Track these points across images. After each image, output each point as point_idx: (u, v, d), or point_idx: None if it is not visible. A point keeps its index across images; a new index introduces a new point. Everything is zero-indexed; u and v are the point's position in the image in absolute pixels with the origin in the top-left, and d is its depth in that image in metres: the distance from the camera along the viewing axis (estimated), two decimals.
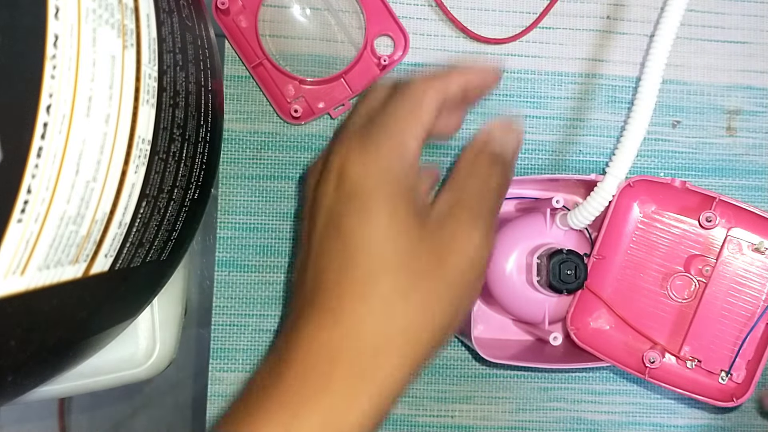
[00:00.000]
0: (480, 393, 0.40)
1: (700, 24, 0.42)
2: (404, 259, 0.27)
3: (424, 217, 0.28)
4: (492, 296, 0.36)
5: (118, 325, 0.30)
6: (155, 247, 0.27)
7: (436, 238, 0.28)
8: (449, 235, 0.28)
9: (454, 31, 0.41)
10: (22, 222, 0.18)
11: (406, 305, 0.27)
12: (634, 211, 0.36)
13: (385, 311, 0.27)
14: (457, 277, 0.28)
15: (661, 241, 0.36)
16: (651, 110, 0.32)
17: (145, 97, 0.23)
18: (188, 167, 0.28)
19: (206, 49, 0.30)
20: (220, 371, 0.39)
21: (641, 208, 0.36)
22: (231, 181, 0.40)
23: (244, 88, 0.40)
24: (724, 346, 0.34)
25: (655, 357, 0.34)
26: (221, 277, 0.39)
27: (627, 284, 0.36)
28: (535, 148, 0.41)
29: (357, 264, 0.27)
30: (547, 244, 0.34)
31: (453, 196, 0.29)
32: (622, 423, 0.41)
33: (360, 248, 0.27)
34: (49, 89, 0.18)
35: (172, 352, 0.37)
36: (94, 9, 0.20)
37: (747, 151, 0.42)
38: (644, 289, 0.36)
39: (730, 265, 0.35)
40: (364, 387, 0.26)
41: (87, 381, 0.35)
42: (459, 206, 0.29)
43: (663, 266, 0.36)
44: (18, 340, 0.21)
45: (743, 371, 0.34)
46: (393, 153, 0.28)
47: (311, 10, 0.40)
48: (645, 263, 0.36)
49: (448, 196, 0.29)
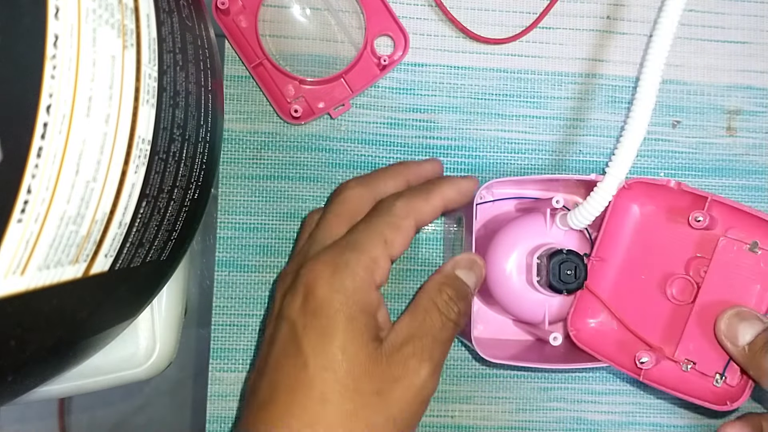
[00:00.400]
0: (480, 393, 0.40)
1: (700, 24, 0.42)
2: (355, 385, 0.28)
3: (379, 343, 0.29)
4: (492, 296, 0.36)
5: (118, 325, 0.30)
6: (155, 247, 0.27)
7: (387, 366, 0.29)
8: (400, 367, 0.29)
9: (454, 31, 0.41)
10: (22, 222, 0.18)
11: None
12: (633, 213, 0.36)
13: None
14: (402, 408, 0.29)
15: (660, 243, 0.35)
16: (651, 110, 0.32)
17: (145, 97, 0.23)
18: (188, 167, 0.28)
19: (206, 49, 0.30)
20: (220, 371, 0.39)
21: (640, 210, 0.36)
22: (231, 181, 0.40)
23: (244, 88, 0.40)
24: (719, 349, 0.33)
25: (647, 357, 0.34)
26: (221, 277, 0.39)
27: (628, 286, 0.36)
28: (535, 148, 0.41)
29: (311, 385, 0.28)
30: (547, 244, 0.34)
31: (411, 326, 0.30)
32: (622, 423, 0.41)
33: (315, 370, 0.28)
34: (49, 89, 0.18)
35: (172, 352, 0.37)
36: (94, 9, 0.20)
37: (747, 151, 0.42)
38: (645, 291, 0.35)
39: (724, 267, 0.34)
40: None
41: (87, 381, 0.35)
42: (415, 339, 0.30)
43: (663, 268, 0.35)
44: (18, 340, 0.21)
45: (738, 374, 0.33)
46: (363, 275, 0.30)
47: (311, 10, 0.40)
48: (646, 265, 0.36)
49: (406, 326, 0.31)
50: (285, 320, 0.30)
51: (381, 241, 0.30)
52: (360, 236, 0.31)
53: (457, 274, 0.33)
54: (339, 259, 0.30)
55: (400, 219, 0.31)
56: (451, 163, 0.40)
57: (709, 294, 0.34)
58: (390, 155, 0.40)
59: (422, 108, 0.41)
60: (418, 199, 0.32)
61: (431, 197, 0.32)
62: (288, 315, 0.30)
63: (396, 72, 0.41)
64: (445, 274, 0.33)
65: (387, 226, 0.31)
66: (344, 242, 0.31)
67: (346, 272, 0.29)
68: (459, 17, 0.40)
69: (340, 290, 0.29)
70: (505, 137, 0.41)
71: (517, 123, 0.41)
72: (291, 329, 0.30)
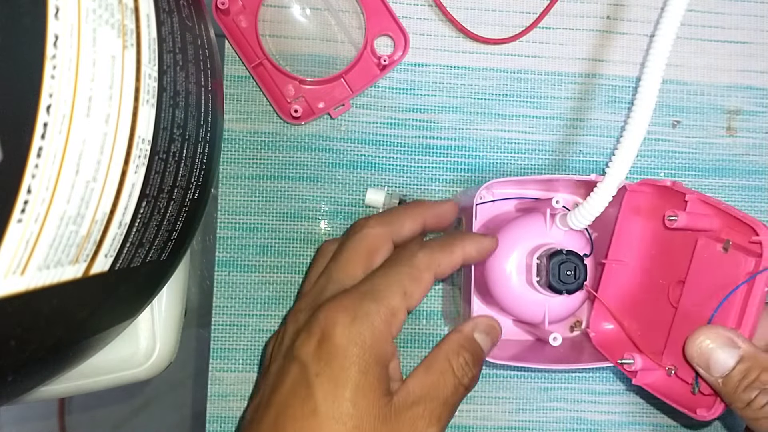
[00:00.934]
0: (480, 393, 0.40)
1: (700, 24, 0.42)
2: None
3: (390, 398, 0.29)
4: (492, 296, 0.36)
5: (118, 325, 0.30)
6: (155, 247, 0.27)
7: (395, 423, 0.29)
8: (408, 427, 0.29)
9: (454, 31, 0.41)
10: (22, 222, 0.18)
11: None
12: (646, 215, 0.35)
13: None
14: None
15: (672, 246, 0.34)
16: (651, 110, 0.32)
17: (145, 97, 0.23)
18: (188, 167, 0.28)
19: (206, 49, 0.30)
20: (220, 371, 0.39)
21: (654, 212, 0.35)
22: (231, 181, 0.40)
23: (244, 88, 0.40)
24: None
25: (631, 360, 0.33)
26: (221, 277, 0.39)
27: (646, 289, 0.35)
28: (535, 148, 0.41)
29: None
30: (547, 244, 0.34)
31: (424, 385, 0.30)
32: (622, 423, 0.41)
33: (324, 419, 0.28)
34: (49, 89, 0.18)
35: (172, 352, 0.37)
36: (94, 9, 0.20)
37: (747, 151, 0.42)
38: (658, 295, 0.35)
39: (703, 269, 0.32)
40: None
41: (87, 381, 0.35)
42: (426, 400, 0.30)
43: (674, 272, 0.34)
44: (18, 340, 0.21)
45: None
46: (381, 327, 0.29)
47: (311, 10, 0.40)
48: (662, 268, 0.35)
49: (419, 384, 0.30)
50: (296, 361, 0.30)
51: (401, 292, 0.30)
52: (381, 285, 0.31)
53: (476, 337, 0.33)
54: (359, 308, 0.30)
55: (421, 271, 0.31)
56: (451, 163, 0.40)
57: (690, 297, 0.32)
58: (390, 155, 0.40)
59: (422, 108, 0.41)
60: (439, 253, 0.32)
61: (453, 252, 0.32)
62: (300, 356, 0.30)
63: (396, 72, 0.41)
64: (465, 336, 0.32)
65: (408, 278, 0.31)
66: (364, 289, 0.31)
67: (366, 323, 0.29)
68: (459, 17, 0.40)
69: (358, 342, 0.29)
70: (505, 137, 0.41)
71: (517, 123, 0.41)
72: (302, 371, 0.29)
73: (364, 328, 0.29)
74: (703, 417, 0.30)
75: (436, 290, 0.41)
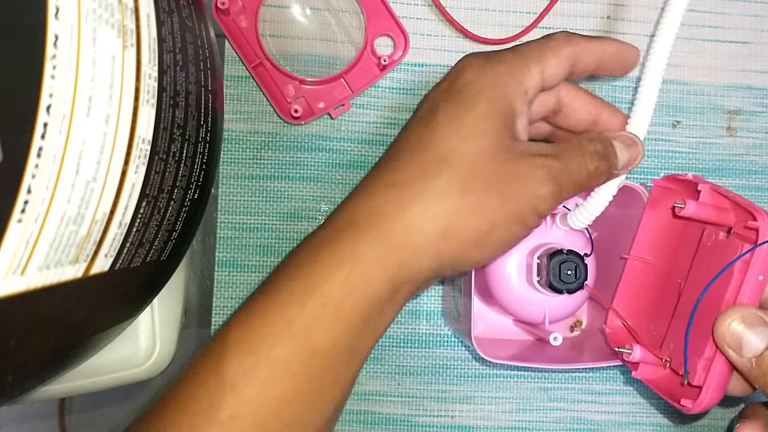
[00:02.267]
0: (480, 393, 0.40)
1: (700, 24, 0.42)
2: (479, 162, 0.28)
3: (515, 140, 0.29)
4: (492, 296, 0.36)
5: (118, 325, 0.30)
6: (155, 247, 0.27)
7: (513, 164, 0.28)
8: (526, 172, 0.28)
9: (454, 32, 0.41)
10: (22, 222, 0.18)
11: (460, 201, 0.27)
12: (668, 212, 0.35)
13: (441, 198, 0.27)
14: (512, 208, 0.28)
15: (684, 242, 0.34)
16: (651, 110, 0.32)
17: (145, 97, 0.23)
18: (188, 167, 0.28)
19: (206, 49, 0.30)
20: None
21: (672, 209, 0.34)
22: (231, 181, 0.40)
23: (244, 88, 0.40)
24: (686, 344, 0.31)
25: (630, 349, 0.33)
26: (221, 277, 0.39)
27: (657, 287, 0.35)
28: None
29: (436, 147, 0.28)
30: (547, 244, 0.34)
31: (551, 150, 0.29)
32: (622, 423, 0.41)
33: (442, 132, 0.28)
34: (49, 89, 0.18)
35: (172, 352, 0.37)
36: (94, 9, 0.20)
37: (747, 151, 0.42)
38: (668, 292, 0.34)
39: (706, 257, 0.32)
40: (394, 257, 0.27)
41: (87, 381, 0.35)
42: (550, 157, 0.29)
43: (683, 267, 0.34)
44: (18, 340, 0.21)
45: (702, 373, 0.30)
46: (513, 72, 0.29)
47: (311, 10, 0.40)
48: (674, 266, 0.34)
49: (546, 147, 0.30)
50: (428, 99, 0.30)
51: (537, 55, 0.30)
52: (520, 47, 0.31)
53: (614, 143, 0.31)
54: (494, 55, 0.30)
55: (559, 45, 0.30)
56: None
57: (692, 287, 0.32)
58: None
59: None
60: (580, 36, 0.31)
61: (592, 40, 0.31)
62: (431, 96, 0.30)
63: (396, 72, 0.40)
64: (603, 136, 0.31)
65: (546, 46, 0.30)
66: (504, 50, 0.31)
67: (501, 64, 0.29)
68: (459, 17, 0.40)
69: (489, 74, 0.29)
70: None
71: None
72: (430, 105, 0.30)
73: (498, 66, 0.29)
74: (687, 408, 0.30)
75: (436, 290, 0.41)
